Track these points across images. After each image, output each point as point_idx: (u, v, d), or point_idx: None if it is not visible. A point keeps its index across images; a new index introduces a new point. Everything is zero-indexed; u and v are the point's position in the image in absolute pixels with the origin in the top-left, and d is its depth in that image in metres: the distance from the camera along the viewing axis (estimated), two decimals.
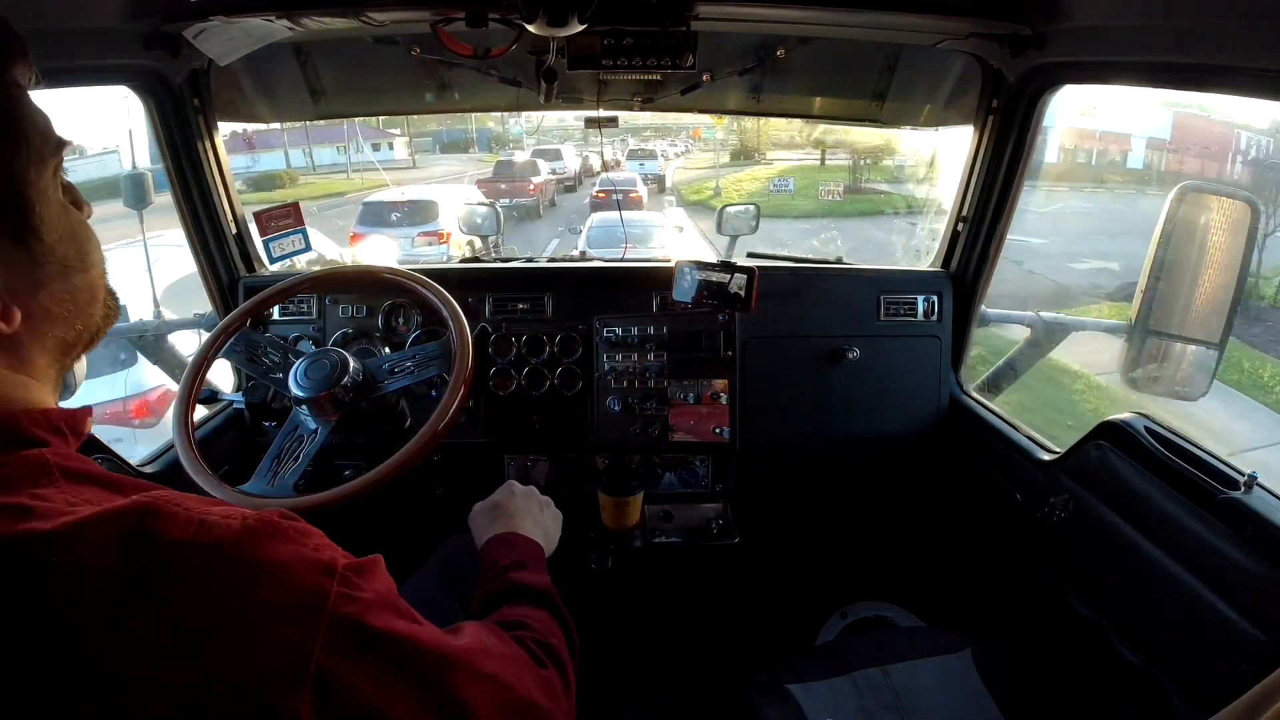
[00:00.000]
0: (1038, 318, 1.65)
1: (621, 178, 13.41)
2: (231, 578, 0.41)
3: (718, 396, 1.42)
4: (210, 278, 1.59)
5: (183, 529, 0.41)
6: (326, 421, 1.16)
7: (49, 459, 0.45)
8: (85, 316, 0.51)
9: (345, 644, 0.43)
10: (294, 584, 0.42)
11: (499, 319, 1.58)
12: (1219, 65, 0.97)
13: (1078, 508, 1.22)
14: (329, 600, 0.43)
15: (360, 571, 0.47)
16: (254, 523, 0.43)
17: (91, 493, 0.44)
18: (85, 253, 0.50)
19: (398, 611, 0.49)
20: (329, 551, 0.46)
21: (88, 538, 0.39)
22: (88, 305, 0.51)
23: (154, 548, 0.40)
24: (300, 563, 0.43)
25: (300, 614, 0.42)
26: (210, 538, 0.41)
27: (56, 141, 0.48)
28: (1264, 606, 0.89)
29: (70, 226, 0.49)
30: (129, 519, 0.40)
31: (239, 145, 11.87)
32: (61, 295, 0.48)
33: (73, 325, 0.50)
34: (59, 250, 0.48)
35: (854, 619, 1.73)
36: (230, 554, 0.41)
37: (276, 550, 0.43)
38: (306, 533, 0.46)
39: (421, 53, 1.49)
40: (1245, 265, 1.19)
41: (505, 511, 0.94)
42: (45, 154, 0.47)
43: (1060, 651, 1.24)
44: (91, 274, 0.51)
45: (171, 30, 1.22)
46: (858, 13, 1.27)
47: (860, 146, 14.04)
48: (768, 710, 1.10)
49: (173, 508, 0.42)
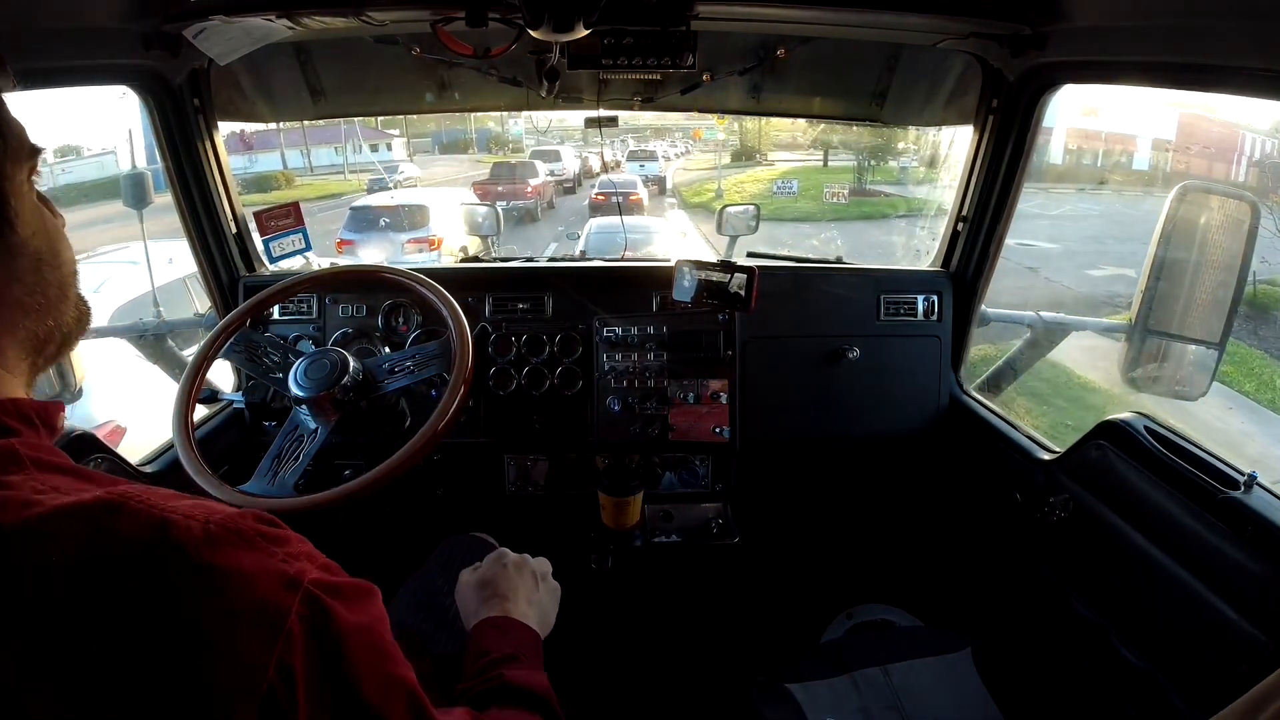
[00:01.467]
0: (1038, 318, 1.65)
1: (621, 179, 13.38)
2: (188, 584, 0.39)
3: (717, 396, 1.42)
4: (210, 277, 1.60)
5: (144, 528, 0.40)
6: (326, 421, 1.16)
7: (17, 448, 0.44)
8: (57, 313, 0.52)
9: (306, 665, 0.41)
10: (252, 595, 0.40)
11: (499, 319, 1.58)
12: (1219, 65, 0.97)
13: (1078, 508, 1.22)
14: (288, 618, 0.41)
15: (339, 593, 0.44)
16: (216, 527, 0.41)
17: (59, 480, 0.43)
18: (57, 250, 0.52)
19: (377, 649, 0.46)
20: (299, 563, 0.43)
21: (52, 532, 0.39)
22: (59, 301, 0.52)
23: (114, 546, 0.39)
24: (263, 573, 0.41)
25: (256, 628, 0.40)
26: (171, 539, 0.40)
27: (31, 147, 0.50)
28: (1264, 606, 0.89)
29: (43, 223, 0.51)
30: (93, 514, 0.40)
31: (235, 145, 11.85)
32: (34, 287, 0.50)
33: (44, 320, 0.51)
34: (33, 244, 0.50)
35: (860, 620, 1.73)
36: (189, 558, 0.40)
37: (239, 558, 0.41)
38: (279, 540, 0.44)
39: (421, 52, 1.49)
40: (1246, 265, 1.19)
41: (498, 591, 0.84)
42: (21, 155, 0.49)
43: (1060, 651, 1.24)
44: (63, 271, 0.53)
45: (171, 30, 1.22)
46: (858, 13, 1.27)
47: (864, 147, 13.97)
48: (768, 710, 1.09)
49: (136, 505, 0.41)
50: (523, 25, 1.15)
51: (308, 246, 1.67)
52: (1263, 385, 4.75)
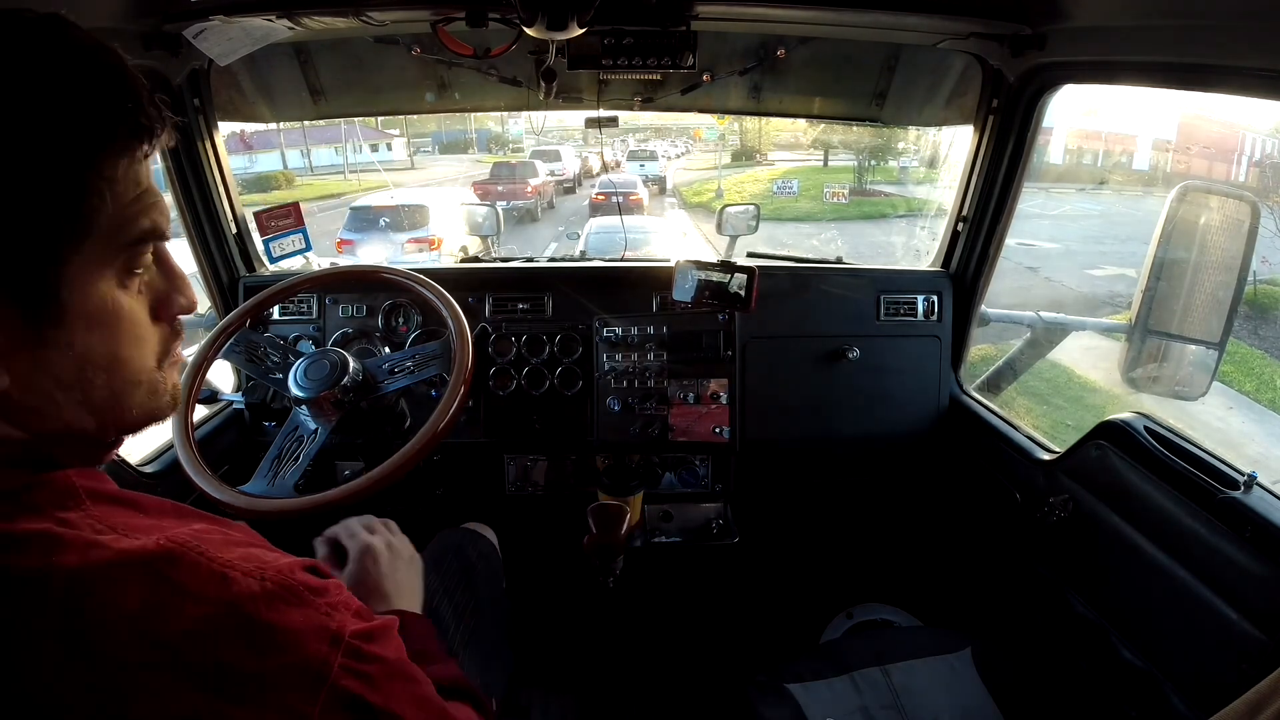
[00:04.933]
0: (1038, 318, 1.65)
1: (622, 179, 13.38)
2: (246, 640, 0.42)
3: (717, 396, 1.42)
4: (210, 278, 1.60)
5: (204, 583, 0.42)
6: (326, 421, 1.16)
7: (75, 482, 0.45)
8: (103, 414, 0.46)
9: (344, 714, 0.44)
10: (302, 651, 0.43)
11: (499, 319, 1.58)
12: (1219, 65, 0.97)
13: (1078, 508, 1.22)
14: (332, 671, 0.44)
15: (370, 638, 0.47)
16: (273, 586, 0.44)
17: (116, 517, 0.44)
18: (117, 353, 0.46)
19: (406, 678, 0.50)
20: (339, 615, 0.46)
21: (116, 579, 0.40)
22: (107, 407, 0.46)
23: (177, 597, 0.41)
24: (310, 629, 0.44)
25: (305, 681, 0.43)
26: (229, 595, 0.42)
27: (137, 233, 0.44)
28: (1264, 606, 0.89)
29: (111, 326, 0.45)
30: (154, 566, 0.41)
31: (235, 146, 11.84)
32: (70, 386, 0.44)
33: (84, 418, 0.46)
34: (81, 344, 0.43)
35: (859, 620, 1.73)
36: (247, 615, 0.42)
37: (290, 616, 0.44)
38: (321, 590, 0.47)
39: (421, 52, 1.49)
40: (1246, 265, 1.19)
41: (379, 589, 0.81)
42: (115, 242, 0.43)
43: (1060, 651, 1.24)
44: (118, 375, 0.46)
45: (171, 30, 1.22)
46: (858, 13, 1.27)
47: (864, 147, 13.95)
48: (768, 710, 1.09)
49: (196, 557, 0.42)
50: (521, 25, 1.15)
51: (308, 246, 1.67)
52: (1263, 385, 4.74)
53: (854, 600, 1.74)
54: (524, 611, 1.32)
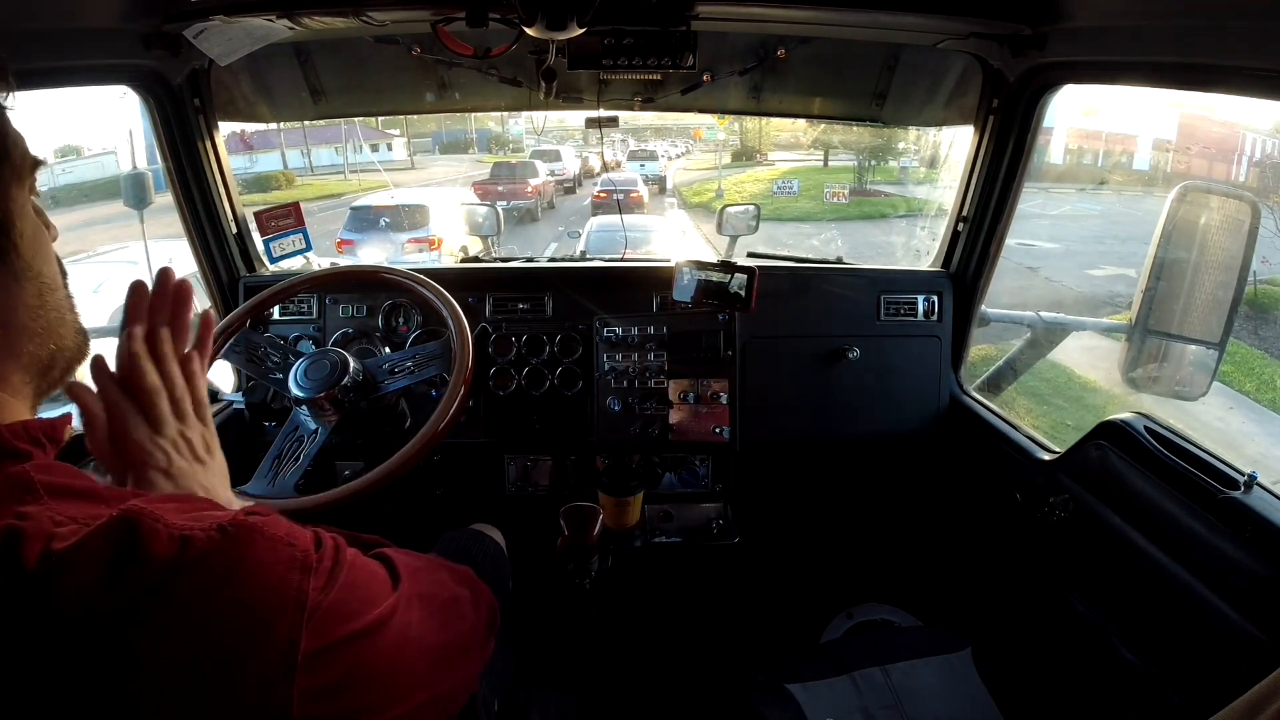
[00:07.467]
0: (1038, 318, 1.65)
1: (622, 178, 13.38)
2: (216, 587, 0.41)
3: (717, 396, 1.42)
4: (210, 278, 1.60)
5: (165, 546, 0.41)
6: (326, 422, 1.16)
7: (32, 475, 0.45)
8: (57, 336, 0.52)
9: (326, 629, 0.44)
10: (273, 582, 0.43)
11: (499, 319, 1.58)
12: (1219, 65, 0.97)
13: (1078, 508, 1.22)
14: (307, 596, 0.44)
15: (335, 560, 0.47)
16: (231, 528, 0.43)
17: (75, 509, 0.44)
18: (54, 272, 0.52)
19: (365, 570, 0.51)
20: (302, 544, 0.46)
21: (79, 564, 0.40)
22: (58, 324, 0.52)
23: (139, 568, 0.40)
24: (278, 562, 0.44)
25: (285, 610, 0.43)
26: (193, 552, 0.41)
27: (33, 161, 0.49)
28: (1264, 606, 0.89)
29: (43, 245, 0.50)
30: (112, 538, 0.41)
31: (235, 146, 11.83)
32: (37, 311, 0.49)
33: (47, 343, 0.51)
34: (34, 266, 0.49)
35: (859, 620, 1.73)
36: (214, 564, 0.42)
37: (253, 551, 0.43)
38: (276, 524, 0.46)
39: (422, 52, 1.49)
40: (1246, 265, 1.19)
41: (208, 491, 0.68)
42: (23, 171, 0.48)
43: (1060, 651, 1.24)
44: (59, 294, 0.52)
45: (171, 30, 1.22)
46: (858, 13, 1.27)
47: (865, 147, 13.94)
48: (768, 710, 1.09)
49: (153, 523, 0.42)
50: (521, 25, 1.15)
51: (308, 247, 1.67)
52: (1263, 385, 4.74)
53: (854, 600, 1.74)
54: (524, 612, 1.33)
